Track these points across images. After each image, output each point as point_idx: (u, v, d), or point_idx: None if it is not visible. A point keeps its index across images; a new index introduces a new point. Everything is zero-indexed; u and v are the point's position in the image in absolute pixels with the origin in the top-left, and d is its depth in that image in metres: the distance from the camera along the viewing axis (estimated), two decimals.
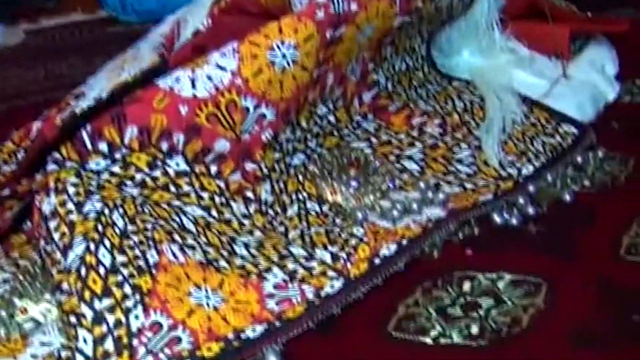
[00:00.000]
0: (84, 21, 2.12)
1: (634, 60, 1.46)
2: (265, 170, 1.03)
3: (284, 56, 0.99)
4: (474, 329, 0.85)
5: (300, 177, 1.08)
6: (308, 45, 1.01)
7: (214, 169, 1.00)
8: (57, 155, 0.92)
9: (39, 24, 2.09)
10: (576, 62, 1.39)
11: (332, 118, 1.17)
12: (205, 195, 0.99)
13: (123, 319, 0.81)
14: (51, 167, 0.92)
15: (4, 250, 1.02)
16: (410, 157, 1.15)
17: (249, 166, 1.02)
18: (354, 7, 1.05)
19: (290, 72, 1.01)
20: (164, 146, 0.96)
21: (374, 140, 1.18)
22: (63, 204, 0.88)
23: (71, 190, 0.89)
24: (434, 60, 1.37)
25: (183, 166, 0.98)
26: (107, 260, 0.84)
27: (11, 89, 1.66)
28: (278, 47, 0.99)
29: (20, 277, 0.95)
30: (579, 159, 1.15)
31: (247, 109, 0.99)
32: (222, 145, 0.99)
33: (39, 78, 1.72)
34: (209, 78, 0.97)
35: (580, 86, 1.34)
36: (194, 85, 0.96)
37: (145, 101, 0.95)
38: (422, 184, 1.08)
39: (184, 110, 0.96)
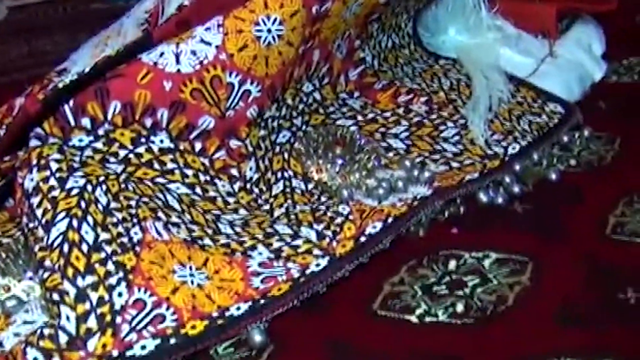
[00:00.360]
0: None
1: (621, 40, 1.46)
2: (250, 147, 1.03)
3: (269, 31, 0.98)
4: (460, 307, 0.85)
5: (286, 155, 1.07)
6: (294, 20, 1.00)
7: (198, 146, 0.99)
8: (39, 130, 0.91)
9: (23, 0, 2.07)
10: (563, 41, 1.39)
11: (317, 95, 1.16)
12: (189, 172, 0.98)
13: (106, 296, 0.80)
14: (33, 142, 0.91)
15: None
16: (396, 135, 1.15)
17: (234, 143, 1.01)
18: None
19: (276, 48, 1.00)
20: (148, 122, 0.95)
21: (359, 118, 1.18)
22: (45, 180, 0.87)
23: (54, 166, 0.88)
24: (420, 38, 1.37)
25: (167, 143, 0.97)
26: (90, 237, 0.83)
27: None
28: (264, 21, 0.98)
29: (3, 255, 0.94)
30: (565, 138, 1.15)
31: (232, 85, 0.98)
32: (206, 121, 0.98)
33: (23, 55, 1.70)
34: (194, 53, 0.96)
35: (567, 65, 1.34)
36: (178, 61, 0.95)
37: (129, 76, 0.93)
38: (407, 163, 1.07)
39: (168, 85, 0.95)
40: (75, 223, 0.84)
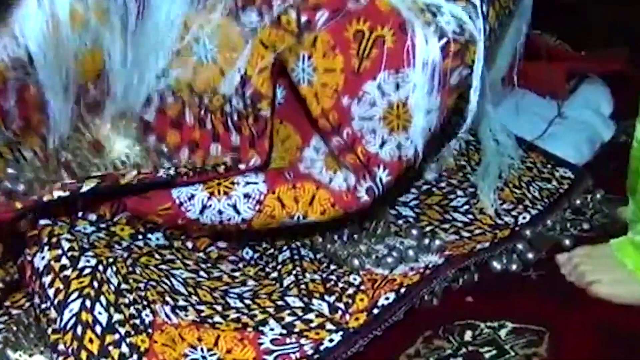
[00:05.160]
0: None
1: (629, 99, 1.45)
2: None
3: None
4: None
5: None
6: None
7: (190, 244, 1.00)
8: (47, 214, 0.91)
9: None
10: (571, 101, 1.39)
11: None
12: (189, 262, 0.98)
13: None
14: (43, 221, 0.90)
15: None
16: (405, 203, 1.14)
17: (223, 244, 1.03)
18: None
19: None
20: (148, 225, 0.97)
21: None
22: (57, 258, 0.87)
23: (65, 245, 0.88)
24: None
25: (162, 241, 0.98)
26: (103, 318, 0.83)
27: None
28: None
29: (14, 328, 0.92)
30: (577, 202, 1.14)
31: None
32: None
33: None
34: (220, 213, 0.94)
35: (577, 126, 1.33)
36: (202, 212, 0.93)
37: (152, 202, 0.93)
38: (417, 231, 1.07)
39: (182, 222, 0.94)
40: (88, 303, 0.83)
